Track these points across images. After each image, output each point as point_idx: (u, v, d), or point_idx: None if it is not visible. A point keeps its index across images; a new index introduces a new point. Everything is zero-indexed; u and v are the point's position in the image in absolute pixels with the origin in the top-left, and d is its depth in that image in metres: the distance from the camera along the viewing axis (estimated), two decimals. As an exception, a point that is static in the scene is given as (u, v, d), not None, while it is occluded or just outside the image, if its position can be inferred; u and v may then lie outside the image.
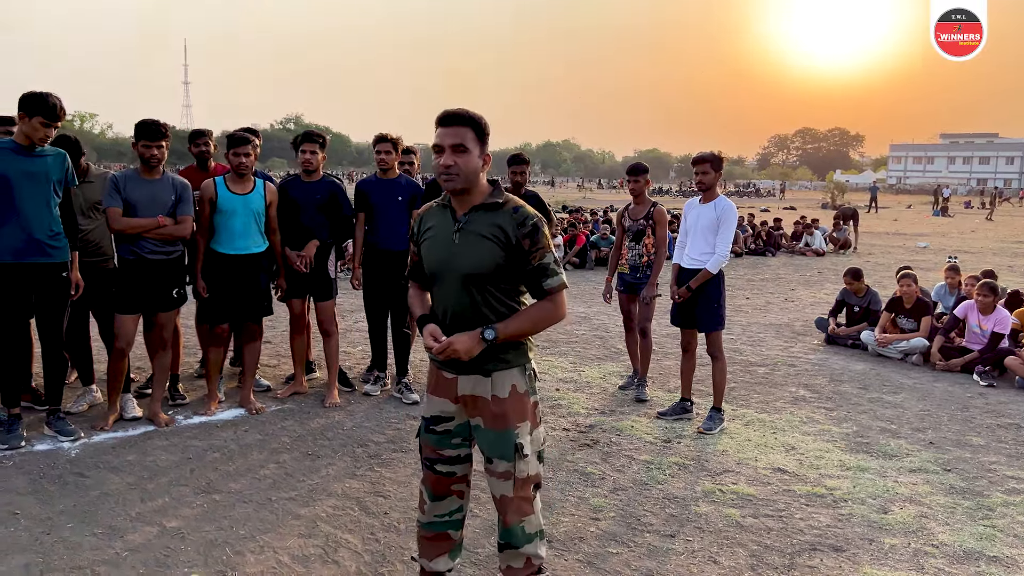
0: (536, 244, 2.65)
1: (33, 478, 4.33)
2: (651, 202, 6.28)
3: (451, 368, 2.73)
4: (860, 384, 6.88)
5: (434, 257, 2.73)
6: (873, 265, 15.87)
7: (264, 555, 3.56)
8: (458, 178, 2.60)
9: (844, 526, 4.01)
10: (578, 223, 17.75)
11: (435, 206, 2.82)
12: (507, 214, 2.66)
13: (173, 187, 5.14)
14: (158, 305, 5.23)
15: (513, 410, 2.72)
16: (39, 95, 4.56)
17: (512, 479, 2.73)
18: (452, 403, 2.78)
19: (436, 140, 2.63)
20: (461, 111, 2.63)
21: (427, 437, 2.84)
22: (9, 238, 4.60)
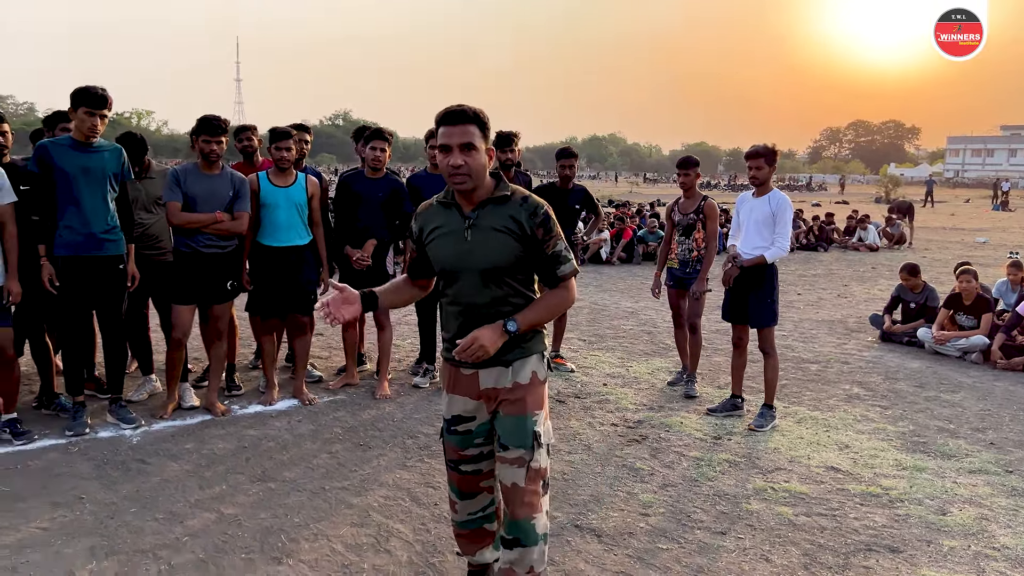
0: (549, 232, 2.67)
1: (97, 464, 4.48)
2: (701, 196, 6.21)
3: (471, 363, 2.71)
4: (916, 382, 6.73)
5: (447, 255, 2.72)
6: (930, 261, 15.48)
7: (318, 543, 3.63)
8: (468, 178, 2.60)
9: (901, 527, 3.93)
10: (625, 217, 17.64)
11: (435, 204, 2.80)
12: (517, 205, 2.67)
13: (232, 182, 5.25)
14: (213, 297, 5.35)
15: (531, 397, 2.73)
16: (83, 87, 4.70)
17: (526, 467, 2.71)
18: (473, 400, 2.78)
19: (442, 140, 2.60)
20: (464, 108, 2.61)
21: (451, 438, 2.86)
22: (68, 232, 4.75)
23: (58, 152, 4.71)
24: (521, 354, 2.73)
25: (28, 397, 5.59)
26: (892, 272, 12.85)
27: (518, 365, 2.73)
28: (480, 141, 2.60)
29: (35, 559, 3.42)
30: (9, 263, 4.64)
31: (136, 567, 3.37)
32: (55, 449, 4.68)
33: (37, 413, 5.30)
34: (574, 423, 5.41)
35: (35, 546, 3.53)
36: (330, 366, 6.72)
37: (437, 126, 2.62)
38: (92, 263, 4.83)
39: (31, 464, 4.45)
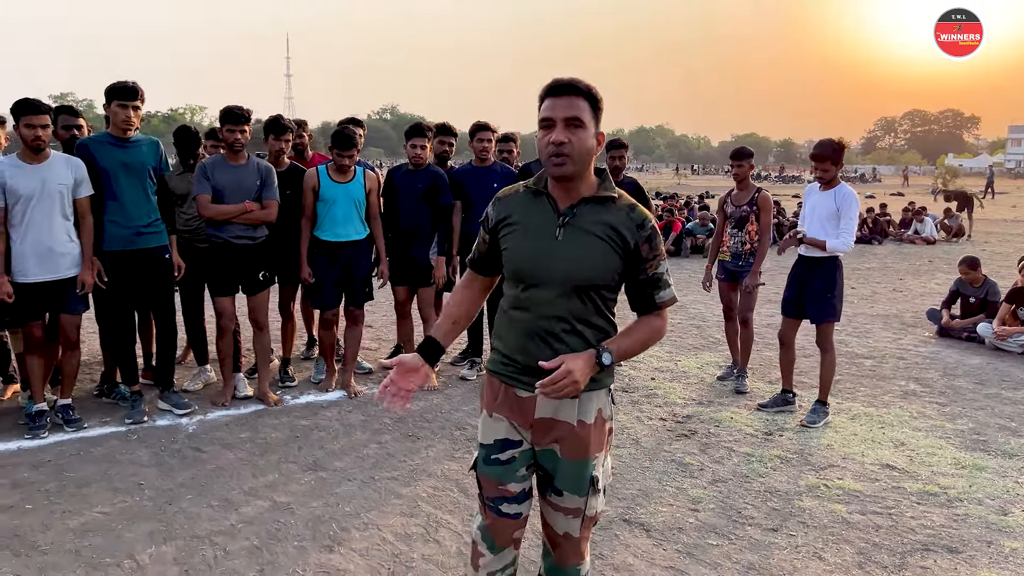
0: (654, 250, 2.25)
1: (155, 451, 4.60)
2: (755, 187, 6.11)
3: (528, 386, 2.28)
4: (976, 379, 6.54)
5: (526, 254, 2.26)
6: (990, 254, 15.02)
7: (368, 532, 3.68)
8: (570, 159, 2.15)
9: (960, 527, 3.83)
10: (674, 210, 17.47)
11: (522, 190, 2.35)
12: (622, 212, 2.24)
13: (258, 171, 5.30)
14: (246, 288, 5.42)
15: (595, 438, 2.33)
16: (114, 83, 4.83)
17: (581, 516, 2.35)
18: (523, 427, 2.34)
19: (545, 112, 2.18)
20: (576, 80, 2.18)
21: (489, 470, 2.37)
22: (113, 227, 4.88)
23: (97, 148, 4.83)
24: (590, 387, 2.27)
25: (90, 385, 5.78)
26: (950, 266, 12.51)
27: (584, 399, 2.29)
28: (590, 120, 2.18)
29: (97, 543, 3.53)
30: (85, 254, 4.80)
31: (193, 552, 3.46)
32: (115, 437, 4.82)
33: (98, 401, 5.47)
34: (622, 417, 5.38)
35: (97, 530, 3.64)
36: (380, 358, 6.78)
37: (541, 100, 2.21)
38: (138, 256, 4.95)
39: (93, 451, 4.59)
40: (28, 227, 4.59)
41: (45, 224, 4.61)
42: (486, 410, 2.41)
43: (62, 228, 4.69)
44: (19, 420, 4.96)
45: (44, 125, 4.58)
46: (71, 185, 4.70)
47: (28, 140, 4.56)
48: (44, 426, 4.77)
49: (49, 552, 3.44)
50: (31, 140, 4.55)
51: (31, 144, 4.56)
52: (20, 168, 4.58)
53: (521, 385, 2.31)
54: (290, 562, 3.39)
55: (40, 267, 4.63)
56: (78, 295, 4.80)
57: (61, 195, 4.65)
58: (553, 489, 2.35)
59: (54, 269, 4.67)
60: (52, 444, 4.67)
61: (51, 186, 4.61)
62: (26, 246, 4.60)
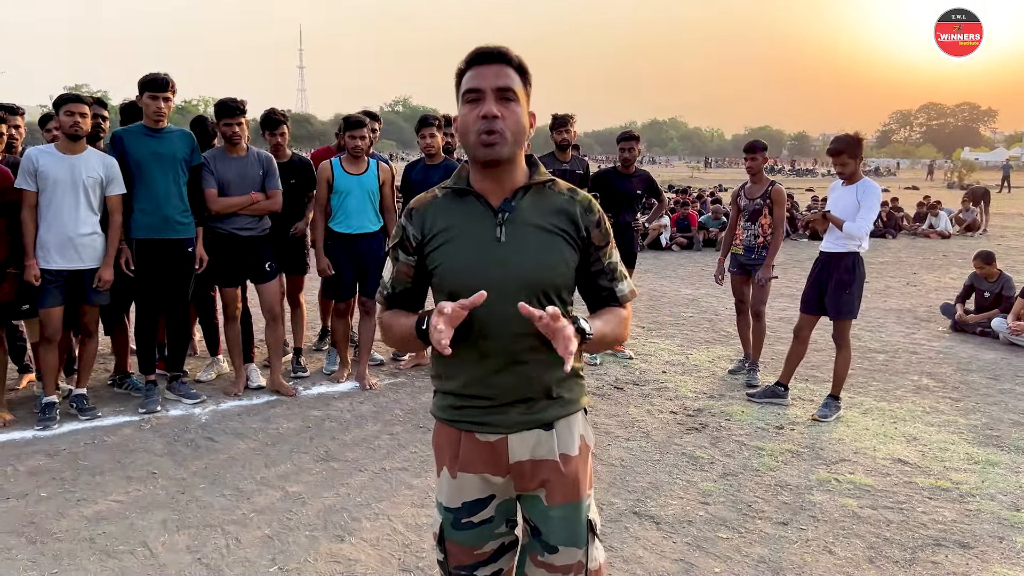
0: (606, 236, 1.95)
1: (168, 441, 4.64)
2: (769, 180, 6.08)
3: (497, 427, 1.89)
4: (990, 374, 6.49)
5: (468, 267, 1.84)
6: (1005, 248, 14.89)
7: (379, 522, 3.70)
8: (504, 139, 1.78)
9: (972, 522, 3.81)
10: (687, 203, 17.41)
11: (440, 194, 1.94)
12: (565, 197, 1.92)
13: (259, 162, 5.33)
14: (254, 278, 5.44)
15: (584, 473, 1.97)
16: (148, 75, 4.88)
17: (584, 572, 1.97)
18: (497, 477, 1.93)
19: (471, 83, 1.80)
20: (502, 47, 1.82)
21: (458, 536, 1.97)
22: (142, 215, 4.93)
23: (130, 139, 4.91)
24: (563, 410, 1.93)
25: (104, 375, 5.83)
26: (964, 260, 12.41)
27: (562, 427, 1.93)
28: (522, 93, 1.83)
29: (111, 531, 3.56)
30: (109, 251, 4.86)
31: (206, 541, 3.49)
32: (129, 426, 4.87)
33: (111, 391, 5.51)
34: (632, 410, 5.38)
35: (111, 518, 3.68)
36: (391, 349, 6.80)
37: (461, 73, 1.83)
38: (164, 245, 5.00)
39: (107, 440, 4.63)
40: (53, 215, 4.67)
41: (70, 213, 4.69)
42: (446, 469, 1.97)
43: (87, 220, 4.76)
44: (34, 409, 5.01)
45: (83, 114, 4.70)
46: (101, 180, 4.79)
47: (67, 127, 4.67)
48: (53, 418, 4.82)
49: (64, 539, 3.48)
50: (69, 127, 4.66)
51: (68, 131, 4.67)
52: (53, 155, 4.70)
53: (486, 427, 1.90)
54: (302, 551, 3.42)
55: (62, 256, 4.70)
56: (94, 290, 4.85)
57: (88, 187, 4.74)
58: (544, 547, 1.96)
59: (75, 259, 4.74)
60: (67, 433, 4.72)
61: (80, 177, 4.71)
62: (50, 234, 4.68)
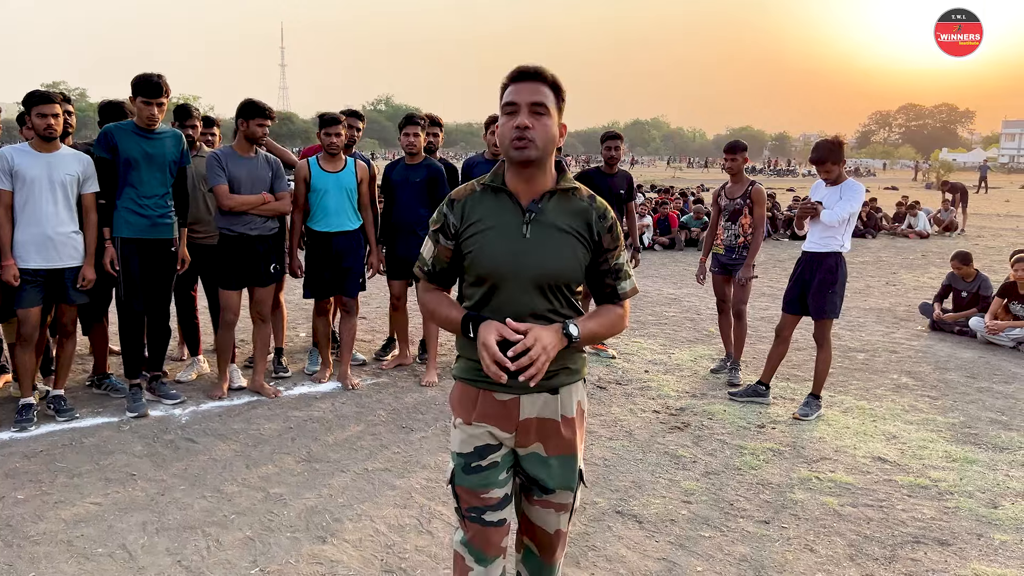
0: (615, 240, 2.27)
1: (148, 442, 4.59)
2: (749, 181, 6.12)
3: (511, 388, 2.20)
4: (968, 372, 6.57)
5: (495, 255, 2.18)
6: (983, 248, 15.07)
7: (362, 523, 3.68)
8: (534, 145, 2.10)
9: (950, 519, 3.85)
10: (668, 202, 17.47)
11: (478, 190, 2.27)
12: (584, 204, 2.24)
13: (268, 164, 5.34)
14: (256, 280, 5.43)
15: (579, 432, 2.34)
16: (140, 76, 4.84)
17: (570, 511, 2.39)
18: (505, 431, 2.27)
19: (509, 97, 2.13)
20: (540, 68, 2.15)
21: (469, 480, 2.28)
22: (128, 214, 4.88)
23: (121, 136, 4.85)
24: (568, 379, 2.28)
25: (82, 376, 5.76)
26: (943, 260, 12.56)
27: (565, 393, 2.29)
28: (554, 108, 2.14)
29: (90, 533, 3.52)
30: (89, 249, 4.82)
31: (186, 543, 3.45)
32: (107, 427, 4.81)
33: (89, 392, 5.45)
34: (615, 410, 5.39)
35: (90, 520, 3.64)
36: (373, 349, 6.77)
37: (504, 88, 2.17)
38: (147, 245, 4.95)
39: (85, 441, 4.57)
40: (30, 214, 4.63)
41: (48, 212, 4.65)
42: (462, 420, 2.30)
43: (65, 218, 4.72)
44: (12, 410, 4.94)
45: (55, 114, 4.67)
46: (78, 178, 4.76)
47: (40, 129, 4.64)
48: (31, 419, 4.75)
49: (41, 542, 3.43)
50: (43, 129, 4.64)
51: (43, 133, 4.65)
52: (29, 154, 4.66)
53: (502, 389, 2.22)
54: (283, 553, 3.39)
55: (40, 255, 4.65)
56: (76, 289, 4.80)
57: (66, 186, 4.71)
58: (542, 489, 2.33)
59: (55, 258, 4.69)
60: (44, 434, 4.66)
61: (57, 175, 4.67)
62: (28, 233, 4.63)
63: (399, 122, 6.07)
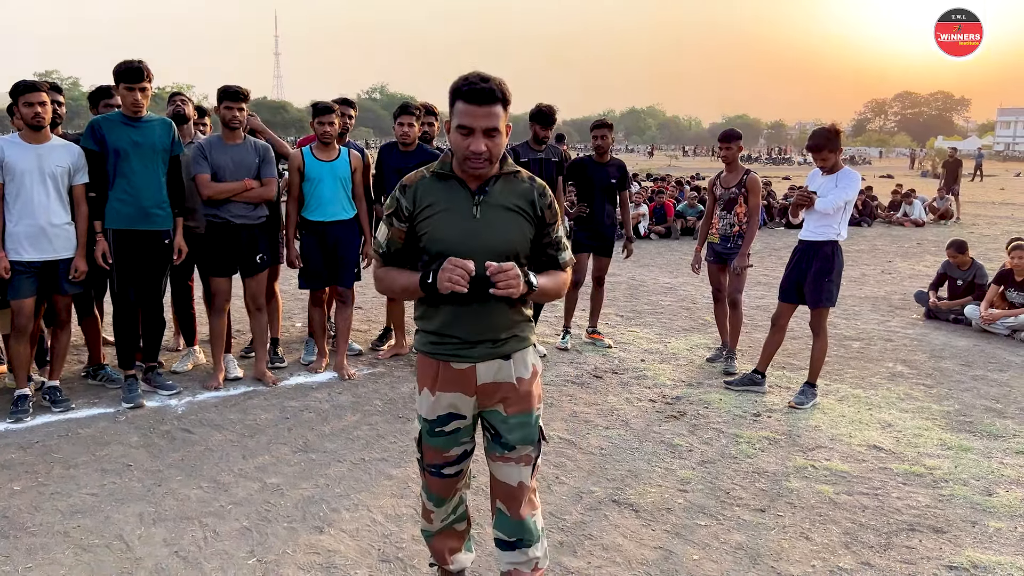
0: (555, 215, 2.51)
1: (144, 433, 4.59)
2: (744, 169, 6.11)
3: (467, 358, 2.46)
4: (963, 361, 6.59)
5: (450, 235, 2.38)
6: (978, 236, 15.10)
7: (358, 513, 3.69)
8: (489, 163, 2.35)
9: (945, 507, 3.87)
10: (664, 191, 17.46)
11: (427, 176, 2.46)
12: (527, 184, 2.48)
13: (255, 150, 5.31)
14: (245, 270, 5.41)
15: (535, 391, 2.57)
16: (121, 63, 4.79)
17: (532, 464, 2.59)
18: (467, 396, 2.51)
19: (463, 119, 2.27)
20: (492, 86, 2.27)
21: (432, 441, 2.58)
22: (120, 205, 4.84)
23: (109, 127, 4.81)
24: (518, 345, 2.52)
25: (77, 367, 5.75)
26: (939, 248, 12.57)
27: (518, 358, 2.52)
28: (503, 124, 2.32)
29: (86, 524, 3.52)
30: (80, 241, 4.80)
31: (182, 533, 3.46)
32: (103, 418, 4.81)
33: (84, 383, 5.44)
34: (611, 399, 5.40)
35: (86, 511, 3.64)
36: (370, 339, 6.77)
37: (455, 99, 2.29)
38: (141, 236, 4.92)
39: (81, 432, 4.57)
40: (23, 206, 4.60)
41: (41, 203, 4.63)
42: (427, 390, 2.54)
43: (58, 209, 4.70)
44: (8, 401, 4.93)
45: (42, 103, 4.62)
46: (69, 169, 4.73)
47: (28, 118, 4.61)
48: (26, 411, 4.75)
49: (38, 534, 3.43)
50: (31, 118, 4.60)
51: (31, 122, 4.61)
52: (19, 145, 4.64)
53: (459, 358, 2.47)
54: (280, 543, 3.40)
55: (34, 247, 4.63)
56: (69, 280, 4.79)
57: (56, 177, 4.68)
58: (503, 445, 2.55)
59: (48, 249, 4.68)
60: (40, 425, 4.66)
61: (48, 166, 4.65)
62: (21, 225, 4.61)
63: (394, 111, 6.04)
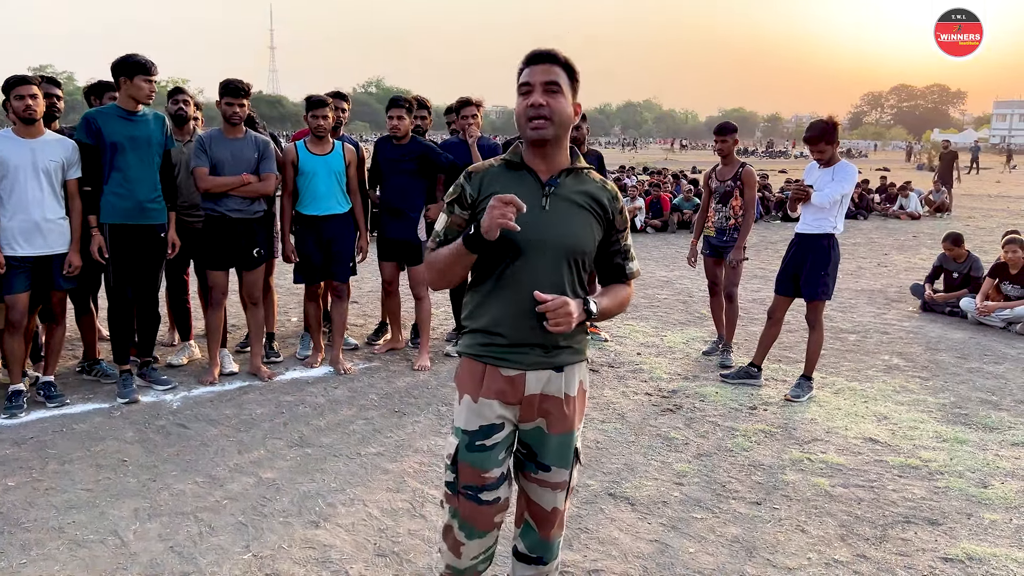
0: (625, 222, 2.38)
1: (139, 428, 4.58)
2: (739, 162, 6.11)
3: (518, 364, 2.26)
4: (959, 353, 6.60)
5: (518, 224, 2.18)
6: (974, 229, 15.11)
7: (355, 507, 3.68)
8: (549, 123, 2.17)
9: (940, 499, 3.88)
10: (660, 185, 17.44)
11: (497, 164, 2.33)
12: (596, 184, 2.34)
13: (256, 145, 5.28)
14: (241, 264, 5.40)
15: (579, 410, 2.38)
16: (133, 57, 4.78)
17: (567, 489, 2.41)
18: (509, 406, 2.29)
19: (524, 78, 2.21)
20: (554, 50, 2.23)
21: (472, 457, 2.28)
22: (115, 199, 4.83)
23: (105, 121, 4.80)
24: (572, 358, 2.33)
25: (72, 362, 5.73)
26: (934, 241, 12.58)
27: (569, 372, 2.33)
28: (567, 88, 2.21)
29: (81, 520, 3.51)
30: (75, 236, 4.78)
31: (178, 529, 3.45)
32: (98, 413, 4.79)
33: (79, 378, 5.43)
34: (608, 392, 5.40)
35: (81, 507, 3.63)
36: (366, 334, 6.76)
37: (520, 72, 2.24)
38: (136, 231, 4.91)
39: (75, 428, 4.56)
40: (17, 201, 4.58)
41: (35, 198, 4.61)
42: (468, 396, 2.30)
43: (51, 204, 4.68)
44: (1, 397, 4.91)
45: (34, 95, 4.60)
46: (62, 163, 4.71)
47: (20, 111, 4.58)
48: (21, 406, 4.73)
49: (32, 529, 3.42)
50: (22, 111, 4.58)
51: (22, 115, 4.59)
52: (11, 140, 4.61)
53: (508, 363, 2.27)
54: (276, 538, 3.39)
55: (28, 242, 4.62)
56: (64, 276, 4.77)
57: (50, 172, 4.66)
58: (539, 465, 2.36)
59: (42, 245, 4.67)
60: (34, 421, 4.64)
61: (41, 161, 4.63)
62: (15, 220, 4.59)
63: (386, 105, 6.02)
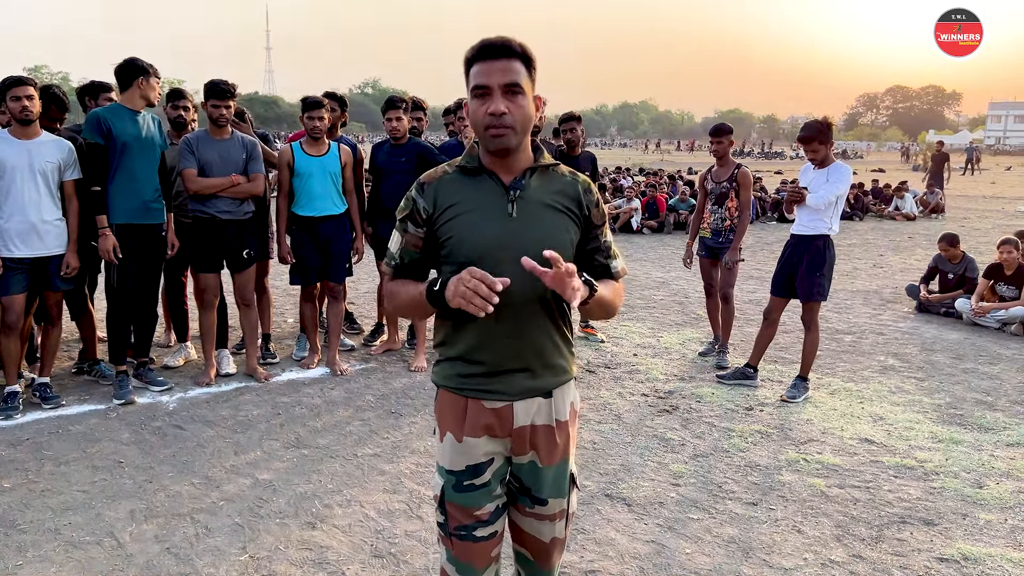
0: (602, 216, 2.12)
1: (135, 429, 4.57)
2: (735, 164, 6.11)
3: (503, 394, 2.03)
4: (954, 354, 6.61)
5: (482, 238, 1.96)
6: (969, 230, 15.15)
7: (351, 508, 3.68)
8: (512, 131, 1.91)
9: (936, 500, 3.89)
10: (656, 186, 17.46)
11: (450, 172, 2.05)
12: (567, 179, 2.08)
13: (243, 146, 5.28)
14: (232, 265, 5.40)
15: (571, 435, 2.17)
16: (141, 63, 4.83)
17: (565, 518, 2.20)
18: (498, 440, 2.07)
19: (479, 79, 1.90)
20: (508, 40, 1.93)
21: (460, 498, 2.07)
22: (122, 199, 4.84)
23: (115, 119, 4.81)
24: (559, 379, 2.10)
25: (68, 363, 5.72)
26: (930, 242, 12.61)
27: (559, 396, 2.10)
28: (527, 84, 1.93)
29: (77, 521, 3.51)
30: (72, 236, 4.79)
31: (174, 530, 3.44)
32: (95, 415, 4.79)
33: (75, 379, 5.42)
34: (604, 393, 5.41)
35: (77, 508, 3.62)
36: (361, 334, 6.75)
37: (469, 65, 1.94)
38: (141, 230, 4.94)
39: (72, 429, 4.55)
40: (13, 202, 4.58)
41: (32, 200, 4.61)
42: (450, 434, 2.06)
43: (48, 205, 4.68)
44: (-4, 398, 4.91)
45: (30, 96, 4.59)
46: (59, 165, 4.71)
47: (15, 112, 4.58)
48: (16, 407, 4.72)
49: (28, 531, 3.42)
50: (18, 112, 4.57)
51: (19, 116, 4.58)
52: (8, 141, 4.61)
53: (492, 395, 2.03)
54: (272, 539, 3.39)
55: (25, 243, 4.61)
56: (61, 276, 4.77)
57: (47, 173, 4.66)
58: (534, 500, 2.14)
59: (39, 246, 4.66)
60: (30, 422, 4.63)
61: (38, 162, 4.63)
62: (11, 222, 4.59)
63: (382, 106, 6.03)
